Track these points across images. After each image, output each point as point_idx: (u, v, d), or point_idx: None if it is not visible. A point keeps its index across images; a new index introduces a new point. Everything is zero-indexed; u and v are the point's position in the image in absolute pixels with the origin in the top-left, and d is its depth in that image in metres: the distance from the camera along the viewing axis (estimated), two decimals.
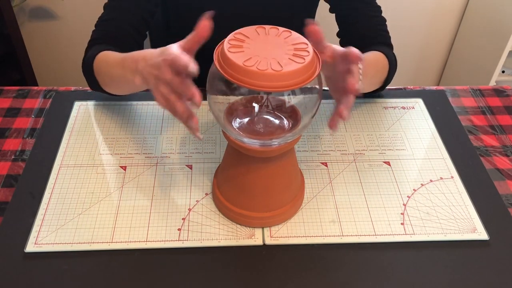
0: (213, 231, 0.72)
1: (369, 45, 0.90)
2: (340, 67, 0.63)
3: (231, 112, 0.67)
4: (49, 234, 0.71)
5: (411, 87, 1.02)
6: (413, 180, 0.81)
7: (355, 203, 0.77)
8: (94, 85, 0.86)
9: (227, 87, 0.64)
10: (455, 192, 0.79)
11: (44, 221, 0.72)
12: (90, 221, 0.73)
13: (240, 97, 0.68)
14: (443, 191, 0.79)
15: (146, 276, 0.66)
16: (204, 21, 0.59)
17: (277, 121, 0.68)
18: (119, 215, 0.74)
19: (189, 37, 0.61)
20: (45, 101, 0.95)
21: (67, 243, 0.69)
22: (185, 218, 0.74)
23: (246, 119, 0.68)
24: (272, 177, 0.69)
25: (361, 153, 0.86)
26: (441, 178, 0.82)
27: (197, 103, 0.59)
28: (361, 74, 0.63)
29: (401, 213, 0.76)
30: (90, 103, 0.94)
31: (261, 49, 0.58)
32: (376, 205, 0.77)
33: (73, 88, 0.98)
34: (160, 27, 1.21)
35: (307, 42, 0.60)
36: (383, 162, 0.84)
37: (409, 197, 0.78)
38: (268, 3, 0.97)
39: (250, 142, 0.64)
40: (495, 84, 1.81)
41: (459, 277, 0.67)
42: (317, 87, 0.63)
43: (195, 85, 0.59)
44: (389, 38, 0.95)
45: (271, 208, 0.71)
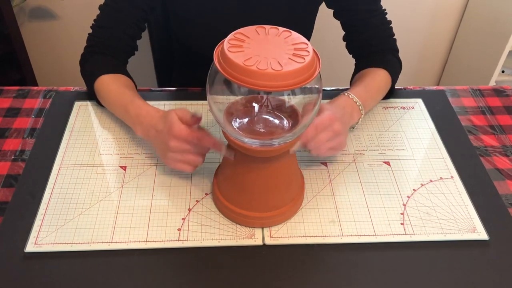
0: (213, 231, 0.72)
1: (374, 52, 0.95)
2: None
3: (231, 112, 0.67)
4: (49, 234, 0.71)
5: (411, 87, 1.02)
6: (413, 180, 0.81)
7: (355, 203, 0.77)
8: (94, 97, 0.90)
9: (227, 87, 0.64)
10: (455, 192, 0.79)
11: (44, 221, 0.72)
12: (90, 221, 0.73)
13: (240, 97, 0.68)
14: (443, 191, 0.79)
15: (146, 276, 0.66)
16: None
17: (277, 121, 0.68)
18: (119, 215, 0.74)
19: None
20: (45, 101, 0.95)
21: (67, 243, 0.69)
22: (185, 218, 0.74)
23: (246, 119, 0.68)
24: (272, 177, 0.69)
25: (361, 153, 0.86)
26: (441, 178, 0.82)
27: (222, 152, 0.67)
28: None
29: (401, 213, 0.76)
30: (90, 103, 0.94)
31: (261, 49, 0.58)
32: (376, 205, 0.77)
33: (73, 88, 0.98)
34: (160, 27, 1.21)
35: (307, 42, 0.60)
36: (383, 162, 0.84)
37: (409, 197, 0.78)
38: (268, 3, 0.97)
39: (250, 142, 0.64)
40: (495, 84, 1.81)
41: (459, 277, 0.67)
42: (317, 87, 0.63)
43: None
44: (395, 41, 0.97)
45: (271, 208, 0.71)
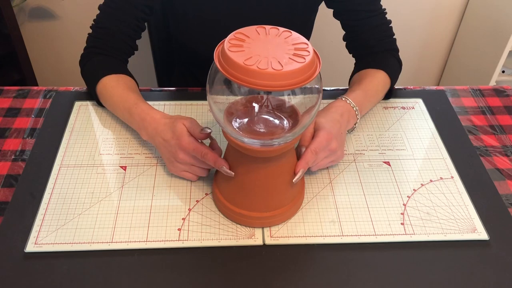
0: (213, 231, 0.72)
1: (374, 52, 0.95)
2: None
3: (231, 112, 0.67)
4: (49, 234, 0.71)
5: (411, 87, 1.02)
6: (413, 180, 0.81)
7: (355, 203, 0.77)
8: (95, 98, 0.90)
9: (228, 87, 0.64)
10: (455, 192, 0.79)
11: (44, 221, 0.72)
12: (90, 221, 0.73)
13: (240, 97, 0.68)
14: (443, 191, 0.79)
15: (146, 276, 0.66)
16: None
17: (277, 121, 0.68)
18: (119, 215, 0.74)
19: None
20: (45, 101, 0.95)
21: (67, 243, 0.69)
22: (185, 218, 0.74)
23: (246, 119, 0.68)
24: (272, 177, 0.69)
25: (361, 153, 0.86)
26: (441, 178, 0.82)
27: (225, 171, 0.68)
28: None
29: (401, 213, 0.76)
30: (90, 103, 0.94)
31: (262, 49, 0.58)
32: (376, 205, 0.77)
33: (73, 88, 0.98)
34: (160, 27, 1.21)
35: (307, 42, 0.60)
36: (383, 162, 0.84)
37: (409, 197, 0.78)
38: (268, 3, 0.97)
39: (250, 142, 0.64)
40: (495, 84, 1.81)
41: (459, 277, 0.67)
42: (317, 87, 0.63)
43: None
44: (395, 41, 0.97)
45: (271, 208, 0.71)
